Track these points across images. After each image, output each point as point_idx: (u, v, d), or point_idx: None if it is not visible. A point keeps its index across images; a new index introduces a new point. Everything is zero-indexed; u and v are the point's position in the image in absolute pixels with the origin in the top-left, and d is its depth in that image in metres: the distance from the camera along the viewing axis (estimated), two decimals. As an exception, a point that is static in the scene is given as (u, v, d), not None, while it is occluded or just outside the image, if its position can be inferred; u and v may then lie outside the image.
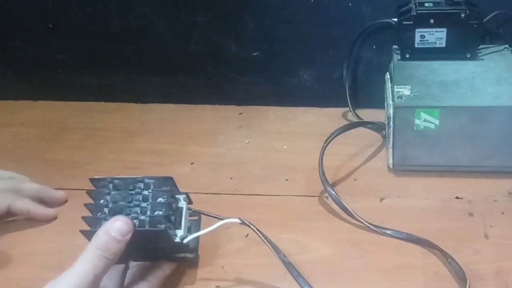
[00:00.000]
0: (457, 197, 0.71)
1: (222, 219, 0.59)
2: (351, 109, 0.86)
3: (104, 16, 0.87)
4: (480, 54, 0.79)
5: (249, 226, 0.58)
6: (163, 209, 0.56)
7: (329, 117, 0.88)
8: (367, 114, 0.86)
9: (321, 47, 0.86)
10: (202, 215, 0.62)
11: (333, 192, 0.70)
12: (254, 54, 0.88)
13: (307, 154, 0.78)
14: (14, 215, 0.70)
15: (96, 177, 0.58)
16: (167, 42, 0.89)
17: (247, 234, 0.67)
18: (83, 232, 0.55)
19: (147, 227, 0.55)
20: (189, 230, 0.60)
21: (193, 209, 0.62)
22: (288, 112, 0.90)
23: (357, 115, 0.86)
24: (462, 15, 0.75)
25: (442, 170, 0.75)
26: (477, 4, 0.77)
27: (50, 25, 0.90)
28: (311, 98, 0.90)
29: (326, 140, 0.73)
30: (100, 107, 0.93)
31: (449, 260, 0.61)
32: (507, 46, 0.80)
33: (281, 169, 0.78)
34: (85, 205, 0.57)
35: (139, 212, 0.56)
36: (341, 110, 0.88)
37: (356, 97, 0.88)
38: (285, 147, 0.83)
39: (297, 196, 0.74)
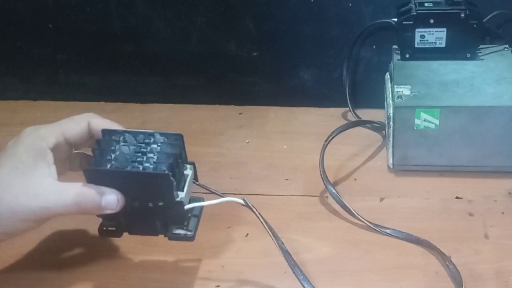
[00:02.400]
0: (457, 197, 0.71)
1: (224, 197, 0.59)
2: (351, 109, 0.86)
3: (104, 16, 0.87)
4: (480, 54, 0.79)
5: (251, 209, 0.58)
6: (169, 160, 0.55)
7: (329, 117, 0.88)
8: (367, 114, 0.86)
9: (321, 47, 0.86)
10: (205, 196, 0.62)
11: (333, 191, 0.70)
12: (254, 54, 0.88)
13: (307, 154, 0.78)
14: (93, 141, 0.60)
15: (108, 128, 0.58)
16: (167, 42, 0.89)
17: (247, 234, 0.67)
18: (85, 171, 0.55)
19: (151, 171, 0.54)
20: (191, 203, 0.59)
21: (197, 183, 0.61)
22: (288, 112, 0.90)
23: (357, 115, 0.86)
24: (462, 15, 0.75)
25: (442, 170, 0.75)
26: (477, 4, 0.77)
27: (50, 25, 0.90)
28: (311, 98, 0.90)
29: (327, 138, 0.73)
30: (100, 107, 0.93)
31: (447, 263, 0.61)
32: (507, 46, 0.80)
33: (281, 169, 0.78)
34: (92, 149, 0.57)
35: (144, 159, 0.56)
36: (341, 110, 0.88)
37: (356, 97, 0.88)
38: (285, 147, 0.83)
39: (297, 196, 0.74)
